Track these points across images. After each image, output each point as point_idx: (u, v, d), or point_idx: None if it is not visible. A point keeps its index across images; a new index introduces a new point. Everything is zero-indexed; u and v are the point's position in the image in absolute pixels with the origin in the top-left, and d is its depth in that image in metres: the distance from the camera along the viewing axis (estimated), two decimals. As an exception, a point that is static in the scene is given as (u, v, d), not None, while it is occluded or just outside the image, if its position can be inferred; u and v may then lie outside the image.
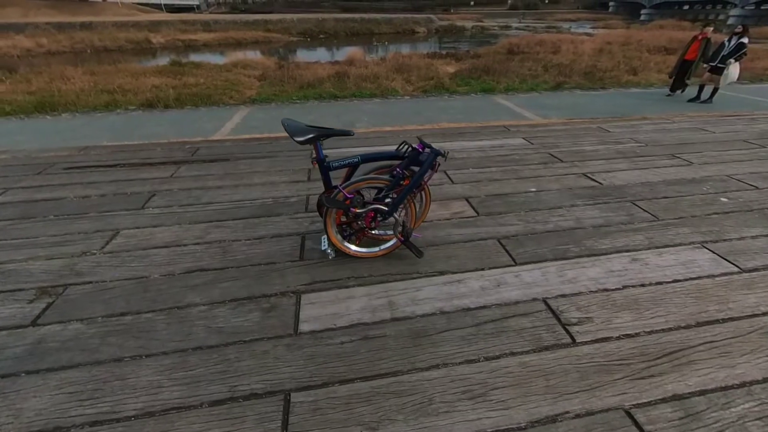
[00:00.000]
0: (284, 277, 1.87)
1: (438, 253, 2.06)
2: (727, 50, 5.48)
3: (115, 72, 10.89)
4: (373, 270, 1.92)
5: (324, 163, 1.75)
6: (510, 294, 1.77)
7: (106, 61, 14.49)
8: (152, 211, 2.49)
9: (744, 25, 5.69)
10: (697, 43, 5.75)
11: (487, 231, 2.28)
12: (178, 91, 6.97)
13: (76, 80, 8.94)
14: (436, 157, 1.70)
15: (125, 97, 6.59)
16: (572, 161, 3.39)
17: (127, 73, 10.25)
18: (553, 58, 14.07)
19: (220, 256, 2.03)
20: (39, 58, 18.87)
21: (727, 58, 5.42)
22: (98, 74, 9.79)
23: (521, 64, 12.81)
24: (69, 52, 21.41)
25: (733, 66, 5.40)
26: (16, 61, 17.16)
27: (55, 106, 6.02)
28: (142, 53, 21.86)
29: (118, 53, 20.51)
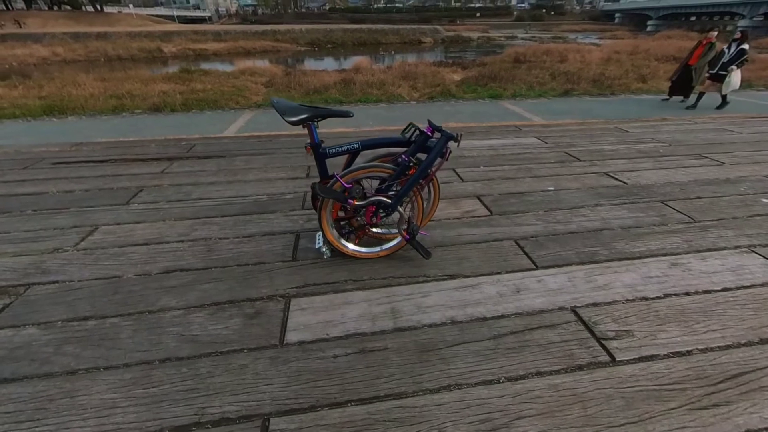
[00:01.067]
0: (273, 279, 1.65)
1: (448, 255, 1.83)
2: (727, 57, 5.38)
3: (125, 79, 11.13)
4: (373, 272, 1.69)
5: (319, 149, 1.54)
6: (533, 302, 1.52)
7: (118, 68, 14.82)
8: (137, 207, 2.30)
9: (743, 32, 5.55)
10: (701, 48, 5.61)
11: (502, 231, 2.04)
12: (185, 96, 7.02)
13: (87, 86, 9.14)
14: (448, 141, 1.48)
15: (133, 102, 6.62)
16: (591, 160, 3.15)
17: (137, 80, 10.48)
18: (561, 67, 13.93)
19: (204, 255, 1.82)
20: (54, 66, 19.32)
21: (728, 65, 5.32)
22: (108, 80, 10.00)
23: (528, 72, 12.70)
24: (83, 61, 21.92)
25: (734, 73, 5.30)
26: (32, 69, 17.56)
27: (63, 110, 6.06)
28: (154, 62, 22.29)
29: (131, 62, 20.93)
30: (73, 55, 22.35)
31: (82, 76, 11.83)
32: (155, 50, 24.74)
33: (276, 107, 1.41)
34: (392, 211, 1.59)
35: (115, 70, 14.13)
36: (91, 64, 19.28)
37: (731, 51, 5.39)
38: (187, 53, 24.84)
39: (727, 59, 5.39)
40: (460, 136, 1.46)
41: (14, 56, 20.46)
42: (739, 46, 5.37)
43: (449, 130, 1.49)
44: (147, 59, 22.68)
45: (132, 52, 23.77)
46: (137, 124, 4.82)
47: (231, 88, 8.77)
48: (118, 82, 9.89)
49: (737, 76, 5.36)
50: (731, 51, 5.39)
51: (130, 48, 24.33)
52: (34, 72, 15.64)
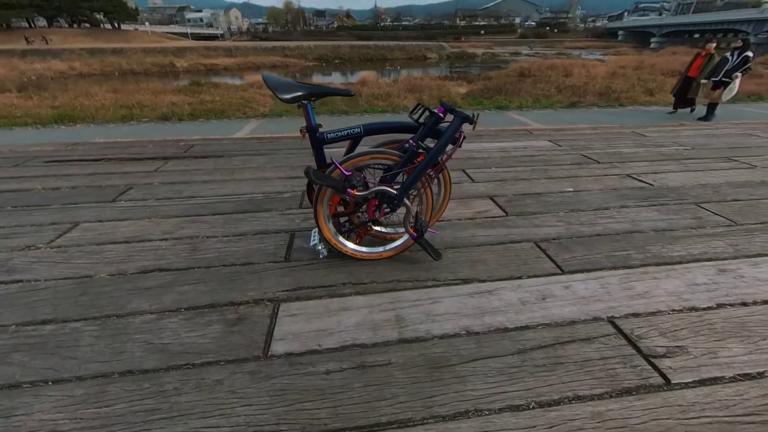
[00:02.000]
0: (262, 281, 1.45)
1: (460, 257, 1.62)
2: (731, 65, 5.29)
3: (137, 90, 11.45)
4: (376, 275, 1.49)
5: (316, 133, 1.37)
6: (561, 311, 1.30)
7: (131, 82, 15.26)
8: (123, 204, 2.15)
9: (744, 40, 5.46)
10: (700, 60, 5.54)
11: (520, 233, 1.83)
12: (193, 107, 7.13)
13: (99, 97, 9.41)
14: (462, 123, 1.30)
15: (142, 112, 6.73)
16: (611, 162, 2.95)
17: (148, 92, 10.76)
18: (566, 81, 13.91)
19: (187, 255, 1.63)
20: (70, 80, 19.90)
21: (731, 72, 5.23)
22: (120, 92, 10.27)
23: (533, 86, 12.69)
24: (99, 75, 22.59)
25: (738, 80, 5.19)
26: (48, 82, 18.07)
27: (73, 119, 6.15)
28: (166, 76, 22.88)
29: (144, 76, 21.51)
30: (89, 69, 23.08)
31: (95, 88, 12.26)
32: (168, 65, 25.49)
33: (267, 82, 1.25)
34: (398, 204, 1.39)
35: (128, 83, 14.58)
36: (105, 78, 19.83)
37: (734, 59, 5.30)
38: (198, 68, 25.53)
39: (731, 66, 5.28)
40: (477, 116, 1.28)
41: (33, 70, 21.15)
42: (741, 54, 5.28)
43: None
44: (160, 73, 23.32)
45: (145, 67, 24.50)
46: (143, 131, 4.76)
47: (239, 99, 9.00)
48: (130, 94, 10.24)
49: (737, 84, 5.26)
50: (734, 59, 5.30)
51: (144, 63, 25.10)
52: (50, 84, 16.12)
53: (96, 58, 25.51)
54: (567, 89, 12.10)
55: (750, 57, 5.29)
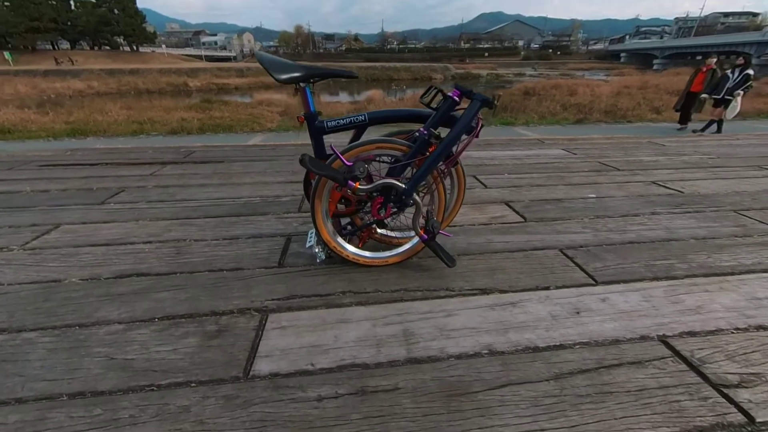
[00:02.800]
0: (250, 288, 1.27)
1: (477, 265, 1.43)
2: (732, 83, 5.28)
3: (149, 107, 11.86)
4: (380, 283, 1.30)
5: (315, 121, 1.23)
6: (601, 327, 1.09)
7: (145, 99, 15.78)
8: (112, 207, 2.01)
9: (745, 57, 5.46)
10: (701, 76, 5.56)
11: (542, 239, 1.64)
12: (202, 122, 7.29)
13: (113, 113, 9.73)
14: (481, 108, 1.14)
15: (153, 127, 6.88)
16: (631, 170, 2.77)
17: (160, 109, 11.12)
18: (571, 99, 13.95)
19: (170, 258, 1.47)
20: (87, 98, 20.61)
21: (733, 90, 5.21)
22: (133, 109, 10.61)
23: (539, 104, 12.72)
24: (115, 93, 23.42)
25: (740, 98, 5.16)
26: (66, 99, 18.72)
27: (85, 133, 6.29)
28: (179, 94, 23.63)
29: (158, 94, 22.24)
30: (106, 88, 23.96)
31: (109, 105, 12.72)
32: (182, 84, 26.37)
33: (262, 61, 1.12)
34: (406, 201, 1.22)
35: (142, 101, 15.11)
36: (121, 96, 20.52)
37: (735, 76, 5.30)
38: (210, 87, 26.35)
39: (732, 84, 5.28)
40: (498, 98, 1.12)
41: (53, 89, 21.98)
42: (743, 71, 5.28)
43: None
44: (173, 92, 24.08)
45: (160, 86, 25.37)
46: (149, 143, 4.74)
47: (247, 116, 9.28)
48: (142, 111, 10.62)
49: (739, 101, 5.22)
50: (735, 76, 5.30)
51: (159, 82, 26.02)
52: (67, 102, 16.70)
53: (114, 77, 26.53)
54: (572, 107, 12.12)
55: (751, 75, 5.29)
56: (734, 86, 5.25)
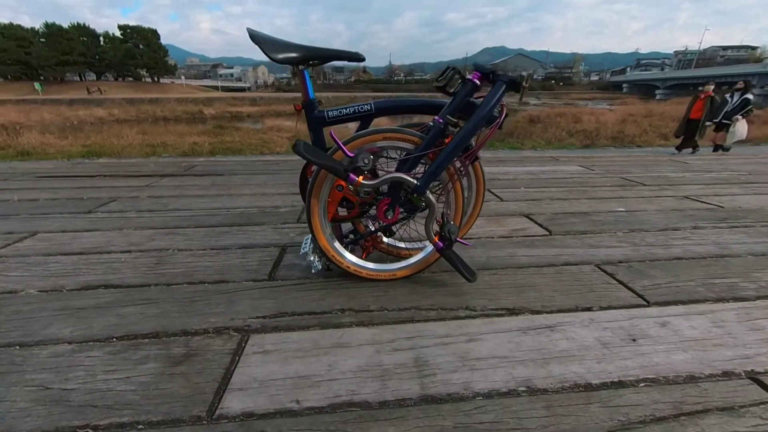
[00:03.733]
0: (232, 304, 1.07)
1: (500, 280, 1.21)
2: (731, 107, 5.27)
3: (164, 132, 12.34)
4: (386, 300, 1.09)
5: (315, 110, 1.08)
6: (668, 358, 0.86)
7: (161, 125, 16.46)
8: (98, 215, 1.86)
9: (745, 82, 5.46)
10: (700, 102, 5.54)
11: (573, 253, 1.42)
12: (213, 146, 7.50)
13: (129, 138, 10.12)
14: (507, 91, 0.98)
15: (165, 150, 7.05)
16: (658, 185, 2.57)
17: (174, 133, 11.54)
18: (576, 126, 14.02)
19: (148, 269, 1.28)
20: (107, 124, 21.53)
21: (731, 115, 5.18)
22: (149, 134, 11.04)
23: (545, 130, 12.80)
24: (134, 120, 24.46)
25: (740, 123, 5.10)
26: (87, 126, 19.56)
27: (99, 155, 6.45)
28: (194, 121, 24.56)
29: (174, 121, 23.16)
30: (125, 115, 25.10)
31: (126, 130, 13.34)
32: (197, 112, 27.54)
33: (255, 37, 0.99)
34: (419, 197, 1.04)
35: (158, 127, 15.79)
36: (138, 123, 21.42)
37: (735, 100, 5.26)
38: (224, 115, 27.43)
39: (730, 108, 5.25)
40: (529, 76, 0.96)
41: (76, 116, 23.07)
42: (742, 96, 5.24)
43: None
44: (189, 119, 25.06)
45: (177, 114, 26.50)
46: None
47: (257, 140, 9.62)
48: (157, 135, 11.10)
49: (743, 127, 5.13)
50: (735, 100, 5.26)
51: (176, 110, 27.22)
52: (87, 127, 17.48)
53: (134, 106, 27.87)
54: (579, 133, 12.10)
55: (750, 99, 5.24)
56: (732, 110, 5.21)
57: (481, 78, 0.99)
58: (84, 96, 32.57)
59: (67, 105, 26.29)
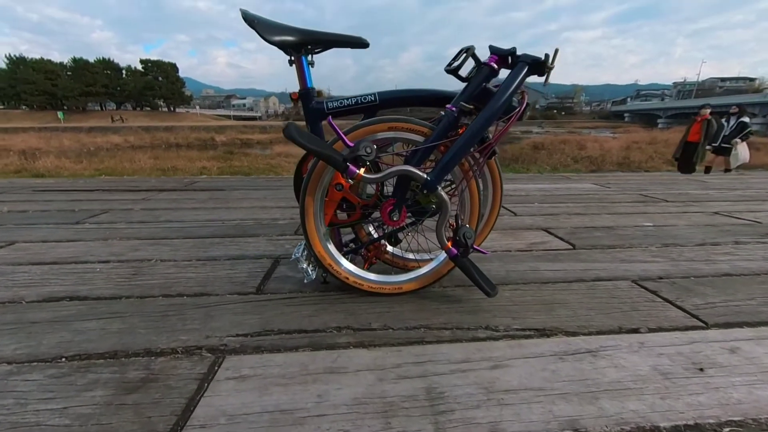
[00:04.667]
0: (210, 319, 0.91)
1: (524, 297, 1.04)
2: (728, 130, 5.32)
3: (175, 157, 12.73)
4: (391, 317, 0.92)
5: (312, 101, 0.98)
6: (752, 394, 0.67)
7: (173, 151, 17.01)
8: (84, 226, 1.75)
9: (739, 106, 5.57)
10: (697, 126, 5.61)
11: (604, 268, 1.25)
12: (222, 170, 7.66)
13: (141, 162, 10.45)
14: (529, 74, 0.87)
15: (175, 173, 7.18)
16: (682, 201, 2.40)
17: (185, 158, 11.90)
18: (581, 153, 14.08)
19: (123, 280, 1.14)
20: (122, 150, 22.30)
21: (729, 138, 5.22)
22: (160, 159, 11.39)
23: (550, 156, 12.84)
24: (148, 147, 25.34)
25: (741, 146, 5.14)
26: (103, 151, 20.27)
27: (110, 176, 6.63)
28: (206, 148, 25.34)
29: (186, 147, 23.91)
30: (140, 142, 26.05)
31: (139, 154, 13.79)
32: (209, 139, 28.52)
33: (248, 18, 0.90)
34: (429, 195, 0.90)
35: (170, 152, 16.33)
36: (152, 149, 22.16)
37: (731, 124, 5.31)
38: (234, 141, 28.34)
39: (728, 132, 5.28)
40: (555, 54, 0.85)
41: (93, 143, 23.99)
42: (738, 120, 5.27)
43: None
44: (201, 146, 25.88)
45: (189, 141, 27.45)
46: None
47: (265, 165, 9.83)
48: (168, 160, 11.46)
49: (745, 150, 5.13)
50: (731, 124, 5.31)
51: (189, 137, 28.25)
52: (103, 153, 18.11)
53: (149, 133, 29.02)
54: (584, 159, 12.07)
55: (747, 122, 5.26)
56: (731, 134, 5.23)
57: (499, 61, 0.88)
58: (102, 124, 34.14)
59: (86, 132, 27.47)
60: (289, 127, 0.79)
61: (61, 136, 24.45)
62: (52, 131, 27.04)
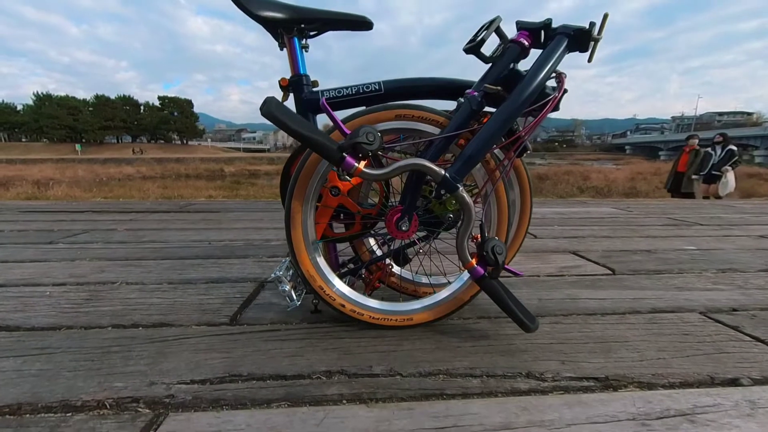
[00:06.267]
0: (162, 358, 0.70)
1: (569, 331, 0.81)
2: (717, 159, 5.35)
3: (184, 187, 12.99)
4: (399, 359, 0.70)
5: (305, 90, 0.82)
6: None
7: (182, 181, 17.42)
8: (57, 246, 1.58)
9: (723, 135, 5.59)
10: (685, 156, 5.68)
11: (659, 297, 1.02)
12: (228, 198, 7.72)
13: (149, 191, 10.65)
14: (569, 49, 0.71)
15: None
16: (718, 225, 2.18)
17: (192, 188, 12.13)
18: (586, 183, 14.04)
19: (71, 306, 0.94)
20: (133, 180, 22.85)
21: (719, 167, 5.24)
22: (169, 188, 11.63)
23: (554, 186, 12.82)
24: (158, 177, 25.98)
25: (730, 174, 5.13)
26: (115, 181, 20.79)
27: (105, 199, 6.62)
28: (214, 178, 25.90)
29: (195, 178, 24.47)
30: (152, 173, 26.79)
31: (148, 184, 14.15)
32: (218, 170, 29.31)
33: (232, -6, 0.78)
34: (449, 195, 0.71)
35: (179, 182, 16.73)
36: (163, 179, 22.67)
37: (719, 153, 5.34)
38: (243, 172, 29.04)
39: (716, 161, 5.31)
40: (605, 19, 0.69)
41: (107, 173, 24.73)
42: (725, 148, 5.31)
43: None
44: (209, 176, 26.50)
45: (199, 171, 28.21)
46: None
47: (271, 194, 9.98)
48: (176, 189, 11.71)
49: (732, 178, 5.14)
50: (719, 153, 5.34)
51: (199, 168, 29.09)
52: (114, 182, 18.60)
53: (161, 165, 29.96)
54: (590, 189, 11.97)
55: (735, 150, 5.27)
56: (719, 162, 5.25)
57: (532, 36, 0.73)
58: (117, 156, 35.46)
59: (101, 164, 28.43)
60: (269, 101, 0.62)
61: (76, 166, 25.25)
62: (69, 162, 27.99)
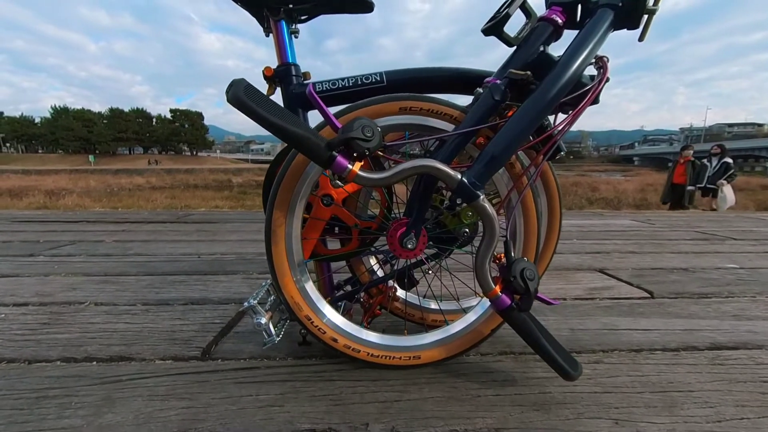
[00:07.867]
0: (109, 408, 0.55)
1: (617, 376, 0.65)
2: (711, 171, 5.25)
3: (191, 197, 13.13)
4: (402, 411, 0.55)
5: (293, 82, 0.70)
6: None
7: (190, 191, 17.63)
8: (36, 259, 1.47)
9: (720, 146, 5.45)
10: (681, 167, 5.55)
11: (717, 328, 0.85)
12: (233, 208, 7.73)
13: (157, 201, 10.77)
14: (614, 26, 0.57)
15: None
16: (754, 240, 1.99)
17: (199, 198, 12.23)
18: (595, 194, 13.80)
19: (23, 333, 0.81)
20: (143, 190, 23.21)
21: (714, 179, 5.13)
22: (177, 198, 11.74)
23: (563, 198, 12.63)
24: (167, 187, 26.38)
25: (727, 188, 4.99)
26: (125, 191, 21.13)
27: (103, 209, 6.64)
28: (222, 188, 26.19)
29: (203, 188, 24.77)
30: (161, 183, 27.22)
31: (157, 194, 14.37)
32: (226, 180, 29.71)
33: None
34: (466, 203, 0.57)
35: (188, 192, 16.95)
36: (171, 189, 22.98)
37: (714, 165, 5.24)
38: (250, 183, 29.36)
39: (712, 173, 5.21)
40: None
41: (117, 183, 25.19)
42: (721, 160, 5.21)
43: None
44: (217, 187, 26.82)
45: (207, 182, 28.61)
46: None
47: None
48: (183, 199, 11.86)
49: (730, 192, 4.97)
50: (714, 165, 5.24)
51: (207, 179, 29.53)
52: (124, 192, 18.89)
53: (170, 175, 30.49)
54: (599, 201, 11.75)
55: (730, 163, 5.15)
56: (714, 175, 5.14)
57: (566, 11, 0.60)
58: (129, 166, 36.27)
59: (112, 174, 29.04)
60: (237, 84, 0.48)
61: (89, 177, 25.79)
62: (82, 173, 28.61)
